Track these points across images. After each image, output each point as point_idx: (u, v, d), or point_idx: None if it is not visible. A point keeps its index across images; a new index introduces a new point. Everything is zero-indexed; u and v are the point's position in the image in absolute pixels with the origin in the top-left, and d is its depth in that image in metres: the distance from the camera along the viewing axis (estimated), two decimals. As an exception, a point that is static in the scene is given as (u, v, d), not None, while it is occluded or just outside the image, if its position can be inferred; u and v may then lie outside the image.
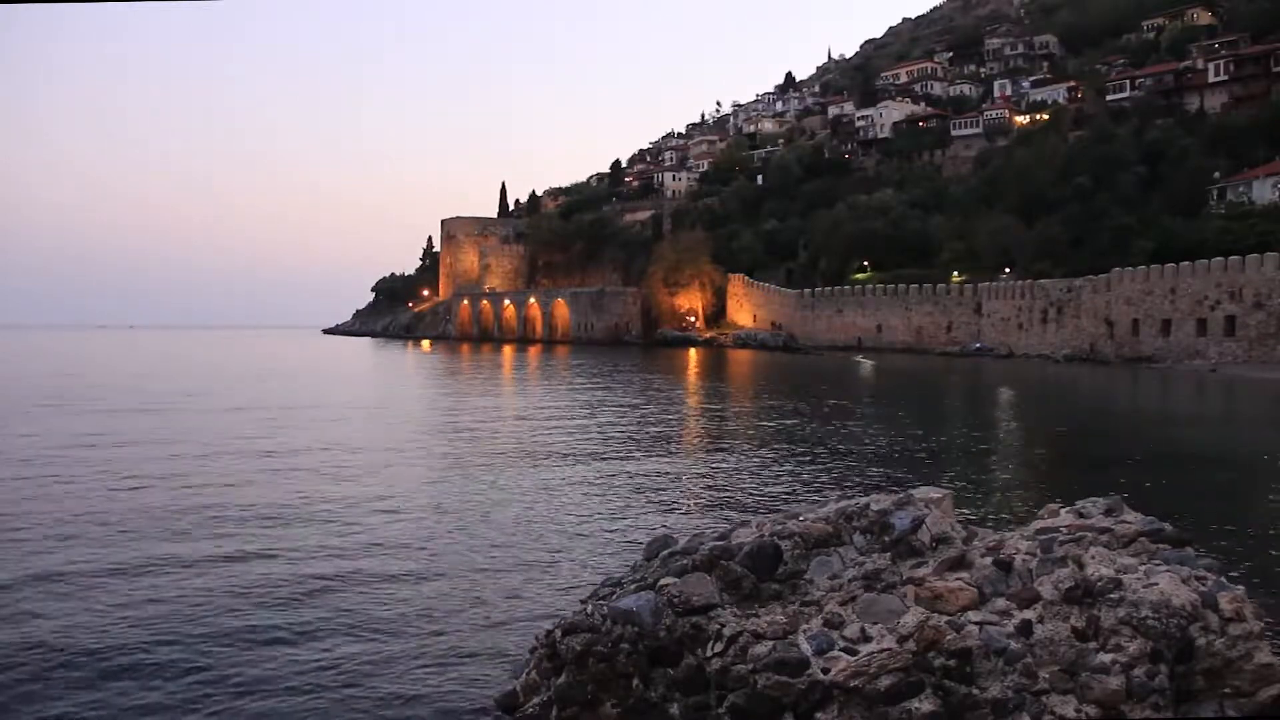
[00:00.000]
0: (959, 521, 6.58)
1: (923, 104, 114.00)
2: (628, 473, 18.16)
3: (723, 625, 5.83)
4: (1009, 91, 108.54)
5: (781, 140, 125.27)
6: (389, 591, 9.99)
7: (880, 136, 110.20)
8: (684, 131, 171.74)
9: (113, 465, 18.66)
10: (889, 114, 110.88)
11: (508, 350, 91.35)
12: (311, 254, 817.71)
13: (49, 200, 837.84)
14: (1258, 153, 69.96)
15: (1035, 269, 71.06)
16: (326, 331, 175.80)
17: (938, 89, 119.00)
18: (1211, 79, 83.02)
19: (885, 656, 5.38)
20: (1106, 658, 5.22)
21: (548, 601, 9.53)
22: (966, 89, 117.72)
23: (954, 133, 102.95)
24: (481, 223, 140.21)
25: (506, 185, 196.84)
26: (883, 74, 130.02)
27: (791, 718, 5.44)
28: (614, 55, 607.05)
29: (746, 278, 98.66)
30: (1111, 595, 5.40)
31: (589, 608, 6.36)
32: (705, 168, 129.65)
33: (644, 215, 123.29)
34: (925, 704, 5.28)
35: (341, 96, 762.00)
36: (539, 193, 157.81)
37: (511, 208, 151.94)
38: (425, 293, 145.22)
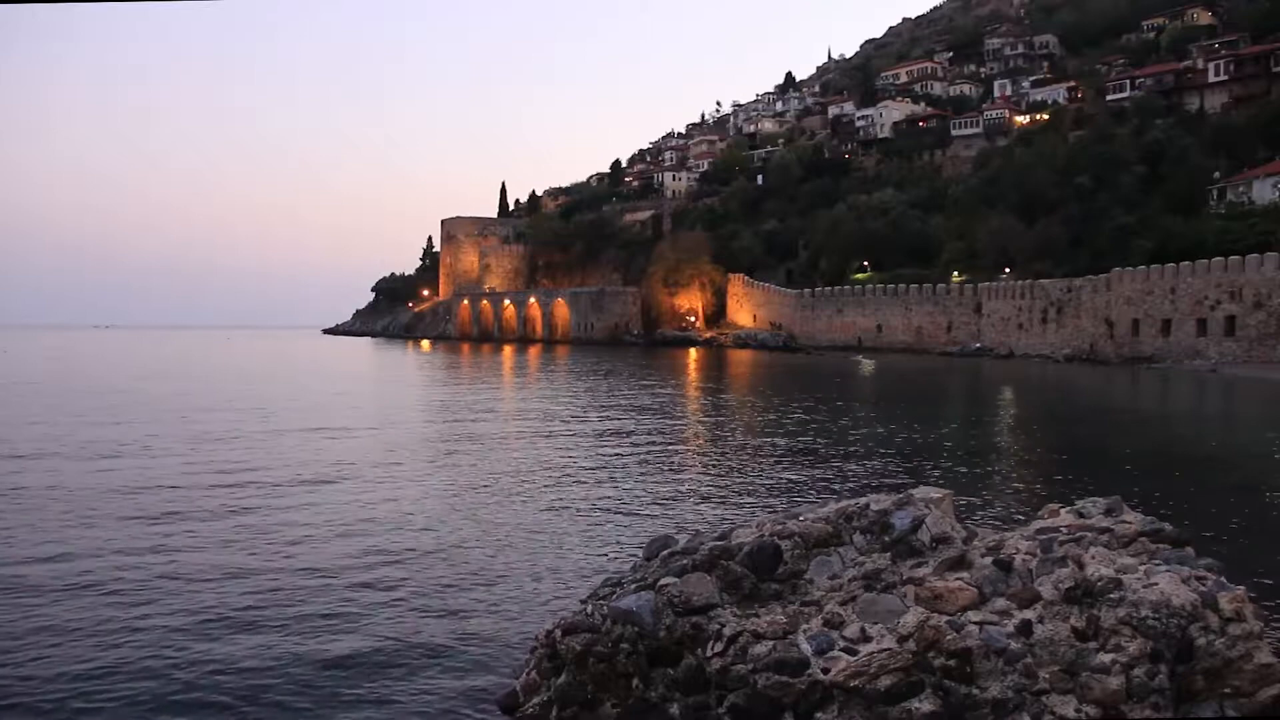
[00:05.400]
0: (959, 521, 6.58)
1: (923, 104, 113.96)
2: (627, 472, 18.16)
3: (723, 625, 5.83)
4: (1009, 91, 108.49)
5: (781, 140, 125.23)
6: (388, 592, 9.99)
7: (880, 136, 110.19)
8: (684, 131, 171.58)
9: (89, 452, 18.67)
10: (889, 114, 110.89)
11: (508, 350, 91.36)
12: (311, 254, 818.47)
13: (49, 199, 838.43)
14: (1258, 153, 69.96)
15: (1035, 269, 71.06)
16: (327, 332, 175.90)
17: (938, 89, 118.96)
18: (1211, 79, 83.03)
19: (885, 656, 5.38)
20: (1106, 658, 5.22)
21: (548, 601, 9.53)
22: (966, 89, 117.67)
23: (954, 133, 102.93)
24: (481, 223, 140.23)
25: (506, 185, 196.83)
26: (883, 74, 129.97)
27: (791, 718, 5.44)
28: (614, 55, 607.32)
29: (746, 278, 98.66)
30: (1111, 595, 5.40)
31: (589, 608, 6.36)
32: (705, 168, 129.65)
33: (644, 215, 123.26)
34: (925, 704, 5.28)
35: (341, 97, 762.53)
36: (539, 193, 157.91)
37: (511, 208, 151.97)
38: (425, 293, 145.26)
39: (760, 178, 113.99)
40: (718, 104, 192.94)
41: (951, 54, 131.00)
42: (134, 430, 24.70)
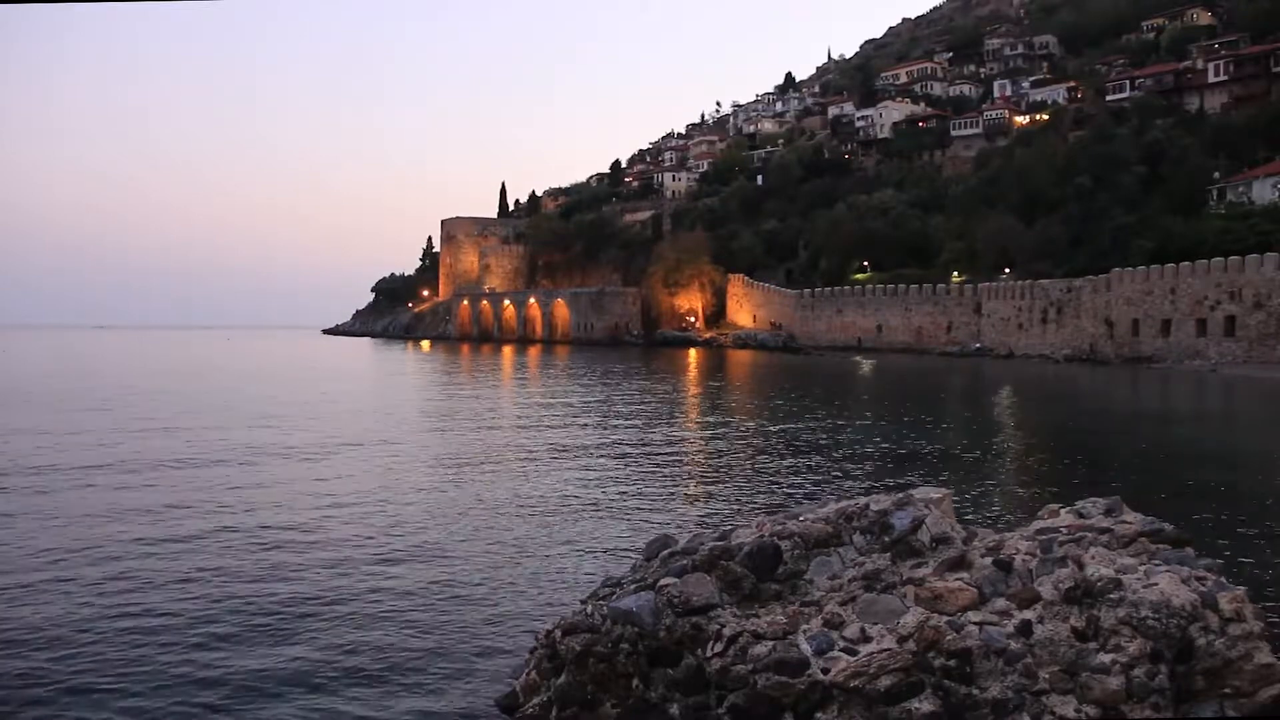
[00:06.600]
0: (959, 521, 6.58)
1: (923, 104, 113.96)
2: (627, 473, 18.16)
3: (723, 625, 5.82)
4: (1009, 91, 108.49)
5: (781, 140, 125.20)
6: (388, 593, 9.98)
7: (880, 136, 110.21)
8: (684, 131, 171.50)
9: (93, 460, 18.66)
10: (889, 114, 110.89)
11: (507, 351, 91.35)
12: (311, 254, 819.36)
13: (49, 199, 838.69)
14: (1258, 153, 69.96)
15: (1035, 269, 71.07)
16: (326, 332, 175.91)
17: (938, 89, 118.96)
18: (1211, 79, 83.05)
19: (885, 657, 5.38)
20: (1106, 658, 5.22)
21: (548, 601, 9.53)
22: (966, 89, 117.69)
23: (954, 133, 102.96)
24: (481, 223, 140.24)
25: (506, 185, 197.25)
26: (883, 74, 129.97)
27: (791, 718, 5.44)
28: (614, 56, 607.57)
29: (746, 278, 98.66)
30: (1111, 595, 5.40)
31: (589, 608, 6.36)
32: (705, 168, 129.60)
33: (644, 215, 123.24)
34: (925, 704, 5.28)
35: (342, 97, 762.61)
36: (539, 193, 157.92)
37: (511, 208, 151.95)
38: (425, 293, 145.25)
39: (760, 178, 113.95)
40: (718, 104, 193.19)
41: (951, 54, 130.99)
42: (139, 439, 24.71)
